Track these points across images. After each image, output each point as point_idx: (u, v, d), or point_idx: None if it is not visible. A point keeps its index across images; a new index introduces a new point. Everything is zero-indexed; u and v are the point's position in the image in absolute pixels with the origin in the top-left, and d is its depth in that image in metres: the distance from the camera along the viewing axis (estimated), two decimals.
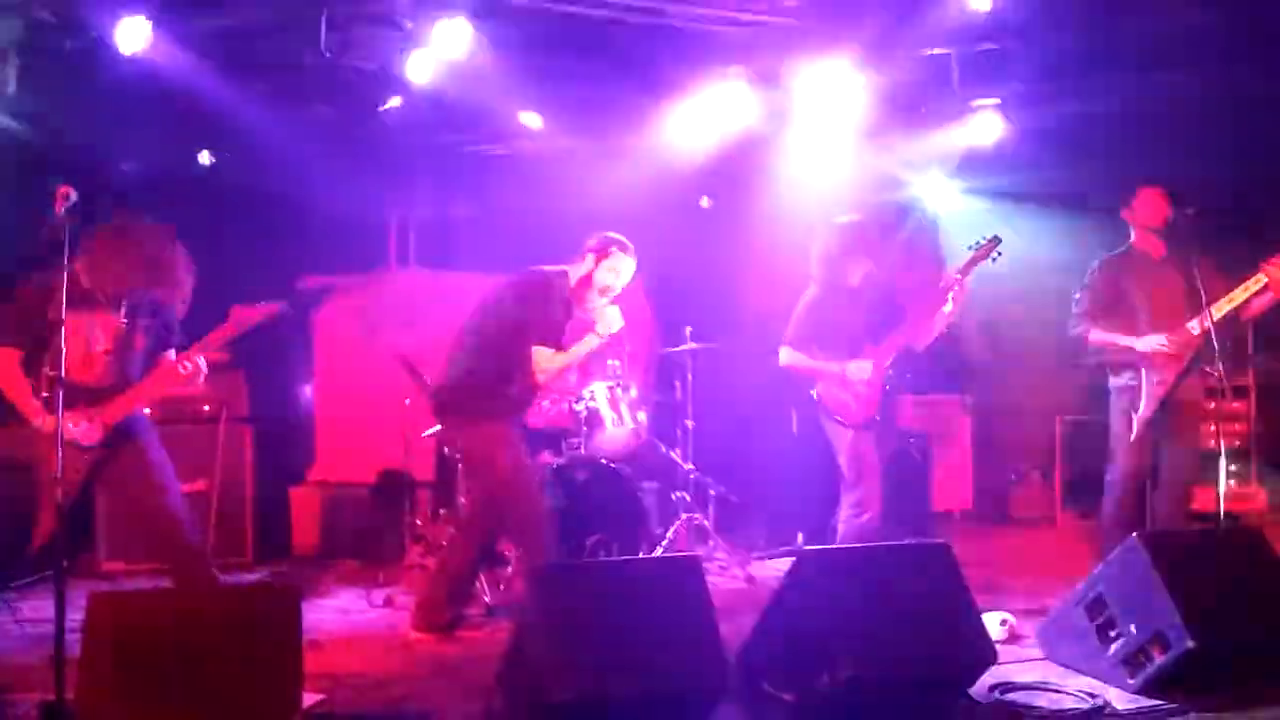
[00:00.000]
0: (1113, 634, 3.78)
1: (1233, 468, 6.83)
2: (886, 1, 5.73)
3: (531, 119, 6.75)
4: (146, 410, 4.32)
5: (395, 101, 6.25)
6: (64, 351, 3.43)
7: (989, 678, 3.63)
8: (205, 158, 6.67)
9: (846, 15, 5.83)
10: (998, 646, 3.65)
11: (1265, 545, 3.95)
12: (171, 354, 4.17)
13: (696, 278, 7.53)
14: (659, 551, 5.71)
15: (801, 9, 5.86)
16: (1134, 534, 3.84)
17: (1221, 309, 4.67)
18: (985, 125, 6.65)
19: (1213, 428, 4.93)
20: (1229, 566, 3.85)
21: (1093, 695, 3.61)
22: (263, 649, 3.17)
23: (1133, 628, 3.70)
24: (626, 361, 6.16)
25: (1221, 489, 4.59)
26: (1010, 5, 5.54)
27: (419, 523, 6.14)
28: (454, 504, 5.84)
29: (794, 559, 3.73)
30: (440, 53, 5.66)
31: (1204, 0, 5.54)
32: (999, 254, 4.83)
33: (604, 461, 5.68)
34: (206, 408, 6.16)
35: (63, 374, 3.43)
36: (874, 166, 7.25)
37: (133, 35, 5.16)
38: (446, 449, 5.91)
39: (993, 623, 4.20)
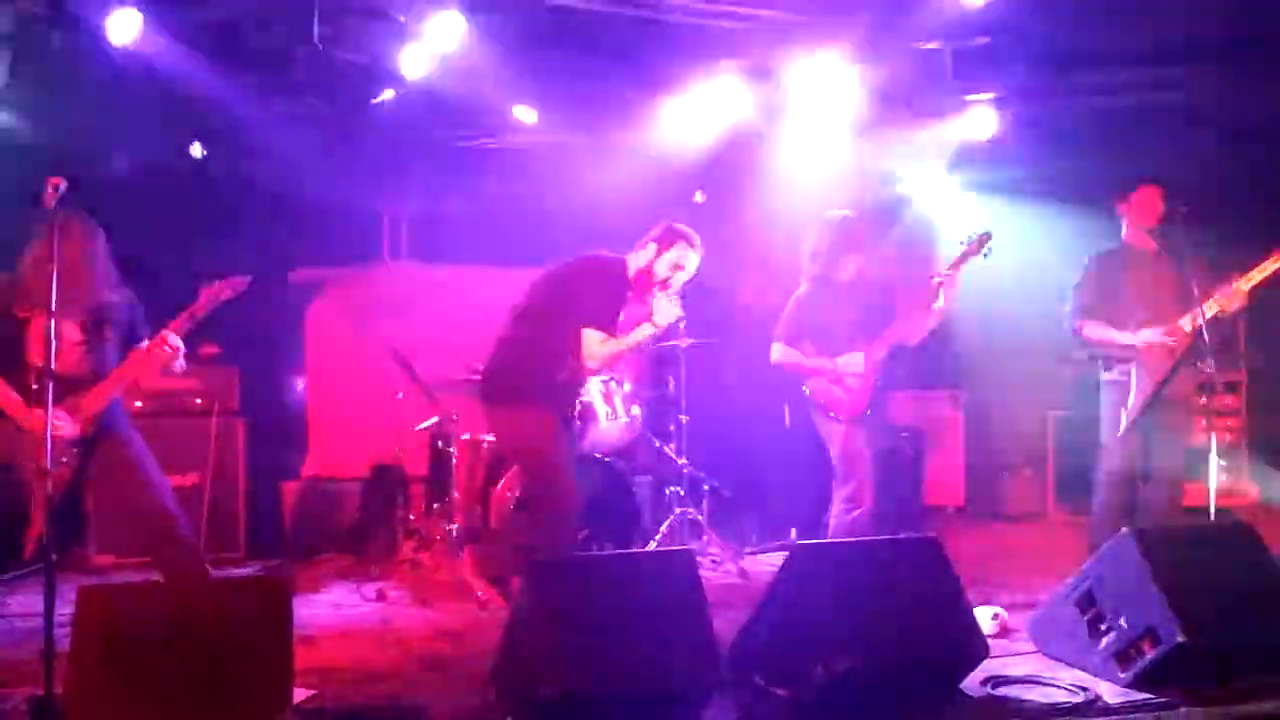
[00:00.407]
0: (1103, 628, 3.79)
1: (1224, 462, 6.85)
2: None
3: (525, 113, 6.73)
4: (138, 404, 4.31)
5: (388, 94, 6.23)
6: (54, 344, 3.42)
7: (980, 672, 3.64)
8: (197, 150, 6.64)
9: (840, 9, 5.83)
10: (989, 641, 3.66)
11: (1257, 540, 3.96)
12: (145, 343, 4.14)
13: None
14: (652, 546, 5.72)
15: (795, 3, 5.86)
16: (1124, 528, 3.85)
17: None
18: (980, 120, 6.65)
19: (1204, 422, 4.94)
20: (1220, 561, 3.85)
21: (1084, 689, 3.62)
22: (254, 644, 3.16)
23: (1123, 622, 3.71)
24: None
25: (1213, 484, 4.61)
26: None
27: (412, 518, 6.14)
28: (447, 498, 5.83)
29: (787, 553, 3.73)
30: (433, 46, 5.64)
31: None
32: (990, 250, 4.83)
33: (598, 456, 5.68)
34: (199, 401, 6.15)
35: (51, 367, 3.41)
36: (868, 161, 7.24)
37: (124, 27, 5.14)
38: (492, 436, 5.69)
39: (984, 617, 4.20)
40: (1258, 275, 4.66)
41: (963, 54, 6.23)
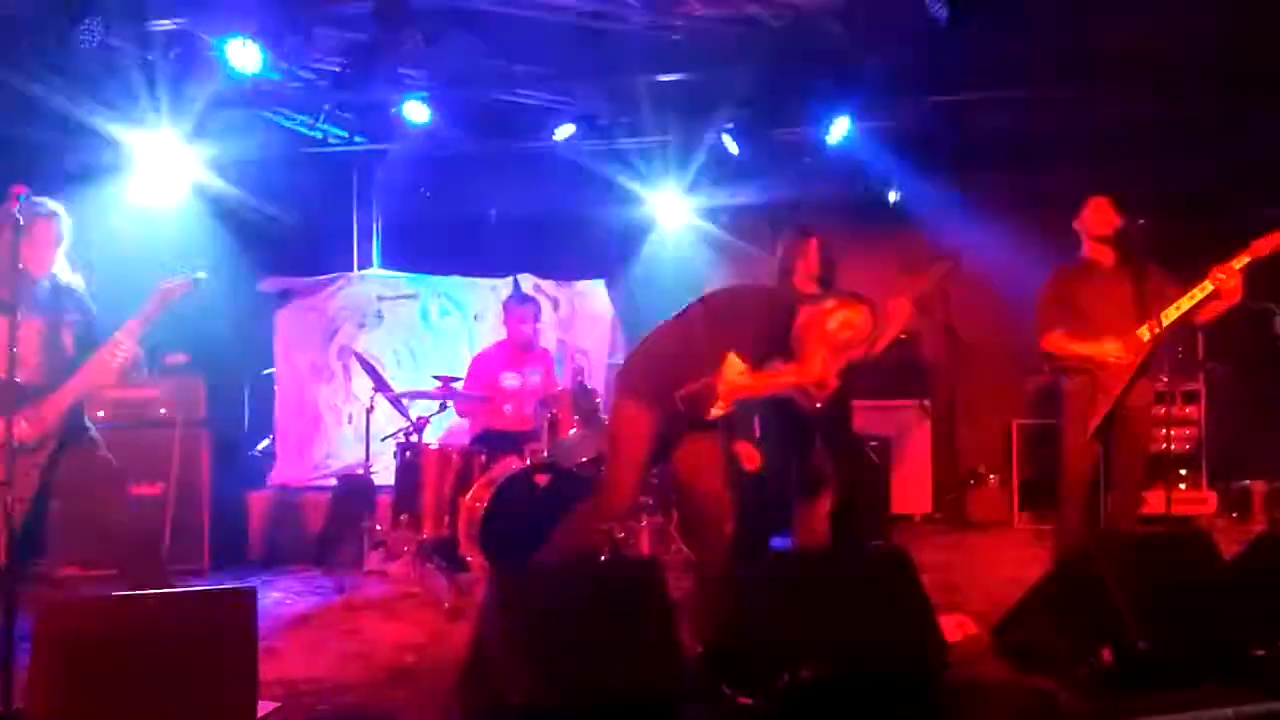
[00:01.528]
0: (1065, 635, 3.83)
1: (1183, 471, 6.96)
2: None
3: None
4: (101, 414, 4.27)
5: None
6: (15, 350, 3.39)
7: (945, 679, 3.66)
8: None
9: None
10: (953, 648, 3.69)
11: (1213, 548, 4.02)
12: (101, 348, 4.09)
13: (659, 283, 7.56)
14: (621, 555, 5.72)
15: None
16: (1087, 536, 3.90)
17: (1170, 316, 4.77)
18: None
19: (1164, 432, 5.00)
20: (1179, 569, 3.91)
21: (1046, 696, 3.66)
22: (217, 656, 3.14)
23: (1084, 629, 3.75)
24: (590, 365, 6.18)
25: (1171, 492, 4.68)
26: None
27: (379, 528, 6.10)
28: (415, 509, 5.82)
29: (754, 562, 3.75)
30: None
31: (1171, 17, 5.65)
32: (958, 269, 4.93)
33: (566, 465, 5.68)
34: (163, 411, 6.09)
35: (13, 376, 3.38)
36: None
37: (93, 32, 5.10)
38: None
39: (950, 625, 4.24)
40: (1250, 256, 4.70)
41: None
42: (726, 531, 4.19)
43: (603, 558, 5.44)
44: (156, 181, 6.32)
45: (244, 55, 5.24)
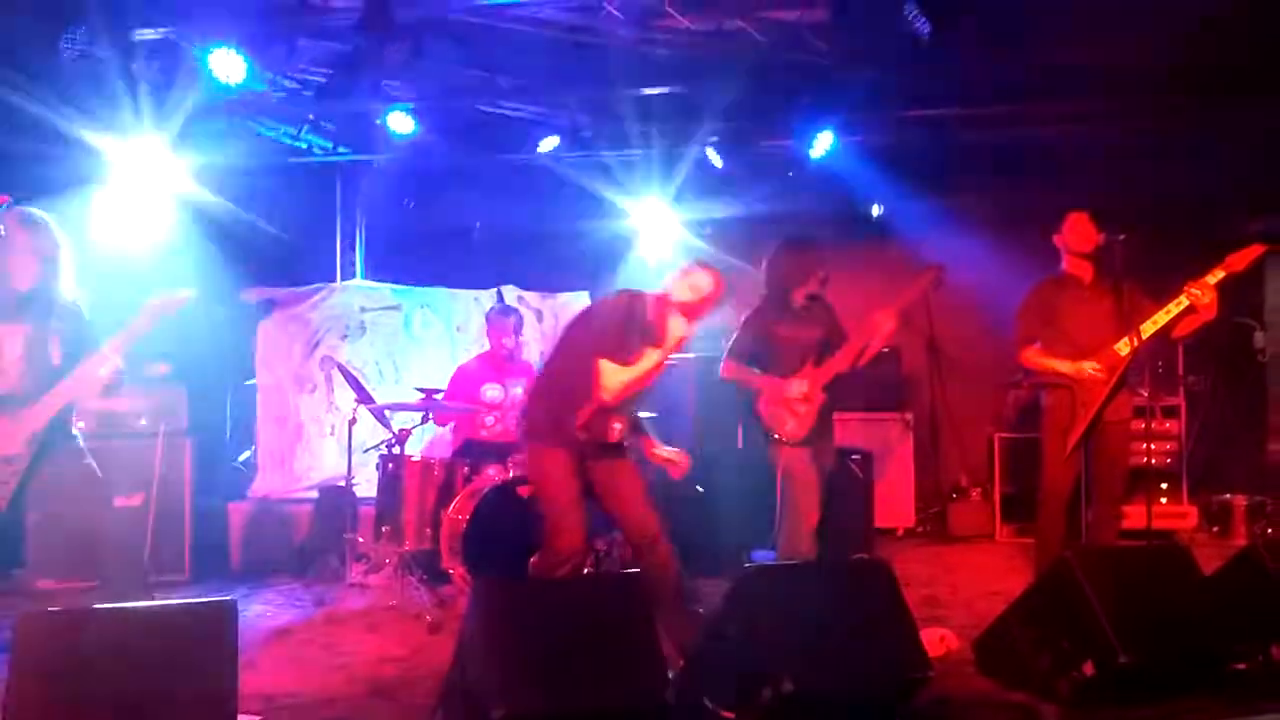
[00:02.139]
0: (1047, 648, 3.85)
1: (1164, 486, 6.99)
2: None
3: None
4: (82, 424, 4.24)
5: None
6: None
7: (926, 693, 3.67)
8: None
9: None
10: (935, 662, 3.70)
11: (1192, 562, 4.05)
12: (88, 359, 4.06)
13: None
14: (602, 568, 5.71)
15: None
16: (1066, 551, 3.92)
17: (1147, 331, 4.81)
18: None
19: (1144, 446, 5.03)
20: (1159, 583, 3.94)
21: (1027, 709, 3.67)
22: (197, 669, 3.12)
23: (1066, 642, 3.77)
24: None
25: (1151, 507, 4.70)
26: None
27: (361, 540, 6.08)
28: (397, 521, 5.80)
29: (736, 575, 3.75)
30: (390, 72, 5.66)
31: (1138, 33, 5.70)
32: (942, 282, 4.96)
33: None
34: (144, 421, 6.06)
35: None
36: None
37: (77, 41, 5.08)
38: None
39: (931, 639, 4.25)
40: (1224, 271, 4.74)
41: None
42: (663, 552, 4.26)
43: (585, 571, 5.44)
44: (139, 191, 6.29)
45: (228, 65, 5.24)
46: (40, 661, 3.00)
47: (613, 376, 4.20)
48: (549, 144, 6.93)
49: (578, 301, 7.90)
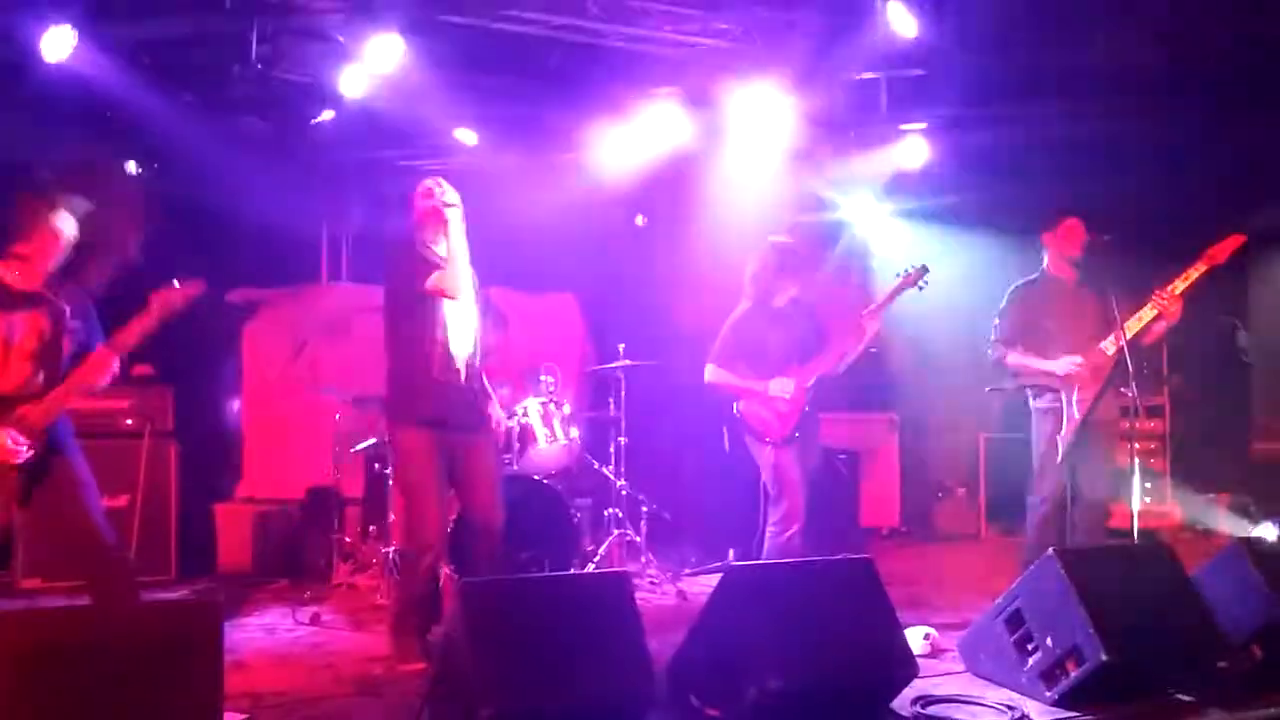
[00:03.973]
0: (1030, 647, 3.87)
1: (1148, 485, 7.04)
2: (816, 26, 5.83)
3: (466, 135, 6.75)
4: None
5: (328, 115, 6.21)
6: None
7: (911, 691, 3.69)
8: (132, 168, 6.56)
9: (777, 39, 5.93)
10: (920, 660, 3.72)
11: (1176, 561, 4.07)
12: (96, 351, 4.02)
13: (630, 295, 7.57)
14: (591, 568, 5.72)
15: (733, 31, 5.95)
16: (1050, 549, 3.94)
17: (1133, 329, 4.84)
18: (912, 149, 6.79)
19: (1128, 446, 5.07)
20: (1142, 582, 3.95)
21: (1011, 708, 3.69)
22: (183, 668, 3.11)
23: (1049, 641, 3.78)
24: (560, 377, 6.18)
25: (1136, 506, 4.73)
26: (936, 32, 5.67)
27: (348, 540, 6.08)
28: (383, 521, 5.80)
29: (722, 575, 3.76)
30: (372, 67, 5.65)
31: (1128, 35, 5.74)
32: (925, 283, 5.00)
33: (536, 477, 5.68)
34: (130, 422, 6.04)
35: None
36: (804, 187, 7.36)
37: (58, 44, 5.06)
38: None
39: (915, 637, 4.27)
40: (1194, 274, 4.79)
41: (896, 84, 6.38)
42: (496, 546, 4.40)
43: (571, 569, 5.45)
44: None
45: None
46: (25, 660, 2.98)
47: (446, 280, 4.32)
48: None
49: (564, 301, 7.92)
